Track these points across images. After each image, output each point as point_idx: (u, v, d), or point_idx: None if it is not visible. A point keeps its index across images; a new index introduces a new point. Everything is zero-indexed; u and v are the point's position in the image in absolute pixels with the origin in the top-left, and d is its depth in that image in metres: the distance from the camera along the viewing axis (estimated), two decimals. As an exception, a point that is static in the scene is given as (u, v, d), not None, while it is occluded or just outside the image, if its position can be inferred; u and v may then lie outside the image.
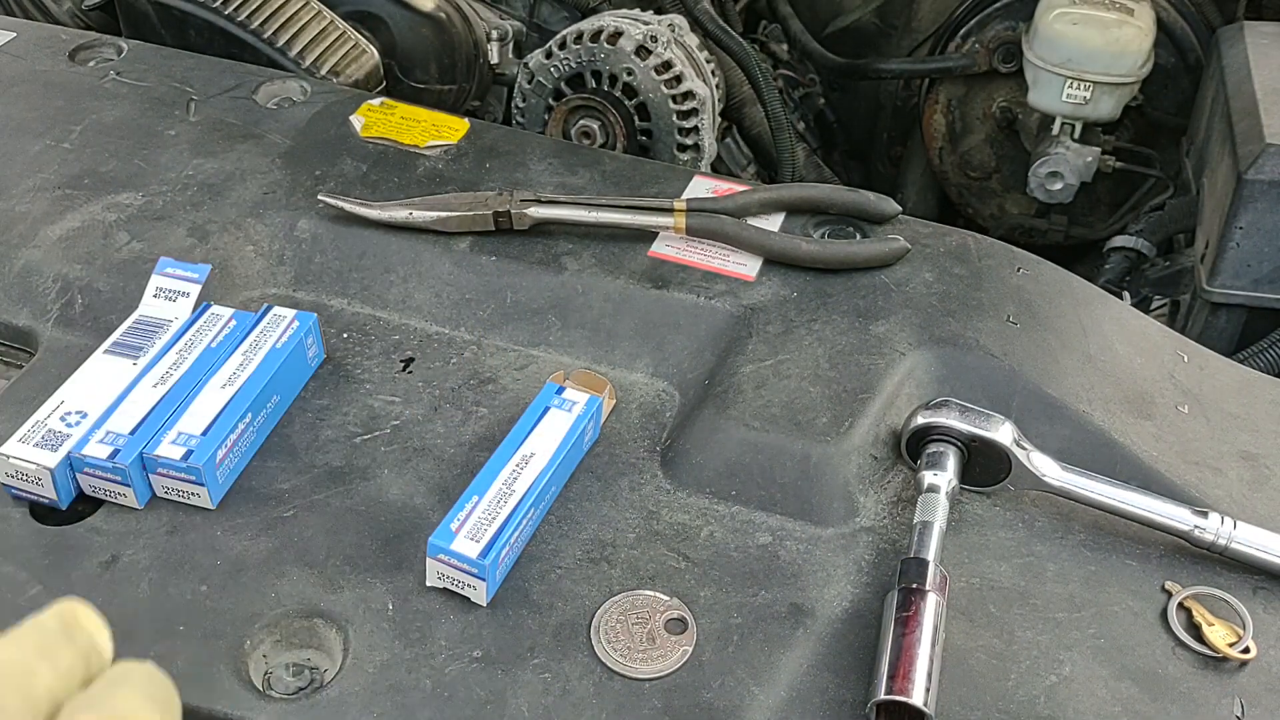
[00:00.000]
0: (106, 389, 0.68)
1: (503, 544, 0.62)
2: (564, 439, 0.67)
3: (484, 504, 0.63)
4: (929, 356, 0.74)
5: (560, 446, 0.67)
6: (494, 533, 0.62)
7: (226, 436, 0.66)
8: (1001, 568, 0.65)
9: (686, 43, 1.29)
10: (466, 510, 0.63)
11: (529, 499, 0.64)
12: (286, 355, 0.70)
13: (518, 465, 0.65)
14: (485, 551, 0.61)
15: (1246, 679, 0.61)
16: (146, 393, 0.68)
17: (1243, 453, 0.73)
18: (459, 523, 0.62)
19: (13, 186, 0.84)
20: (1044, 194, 1.50)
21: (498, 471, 0.65)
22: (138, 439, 0.65)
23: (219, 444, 0.65)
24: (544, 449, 0.66)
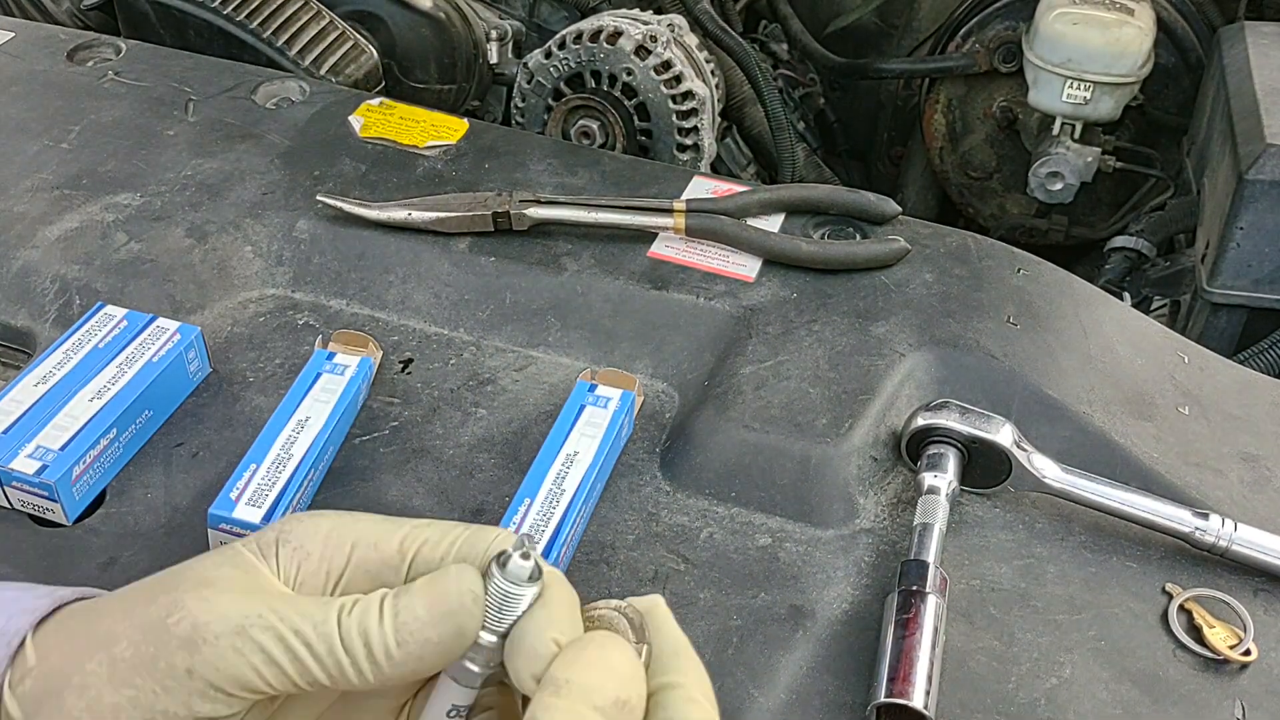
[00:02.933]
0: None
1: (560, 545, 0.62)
2: (604, 436, 0.67)
3: (537, 505, 0.63)
4: (929, 357, 0.74)
5: (602, 444, 0.67)
6: (551, 533, 0.62)
7: (86, 453, 0.65)
8: (1002, 569, 0.65)
9: (686, 43, 1.28)
10: (521, 512, 0.63)
11: (579, 497, 0.64)
12: (162, 370, 0.69)
13: (564, 465, 0.66)
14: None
15: (1247, 681, 0.60)
16: (26, 391, 0.67)
17: (1243, 454, 0.73)
18: (515, 526, 0.62)
19: (11, 186, 0.84)
20: (1044, 194, 1.50)
21: (545, 472, 0.65)
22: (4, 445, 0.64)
23: (76, 460, 0.64)
24: (587, 447, 0.67)
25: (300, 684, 0.38)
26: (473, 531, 0.41)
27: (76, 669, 0.39)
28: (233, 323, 0.78)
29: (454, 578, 0.39)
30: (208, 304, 0.78)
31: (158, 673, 0.38)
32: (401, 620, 0.38)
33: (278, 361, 0.75)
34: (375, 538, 0.41)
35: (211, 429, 0.70)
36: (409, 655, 0.38)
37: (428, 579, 0.39)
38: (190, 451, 0.69)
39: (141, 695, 0.38)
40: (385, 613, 0.38)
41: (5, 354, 0.77)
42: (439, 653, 0.38)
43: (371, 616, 0.38)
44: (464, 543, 0.41)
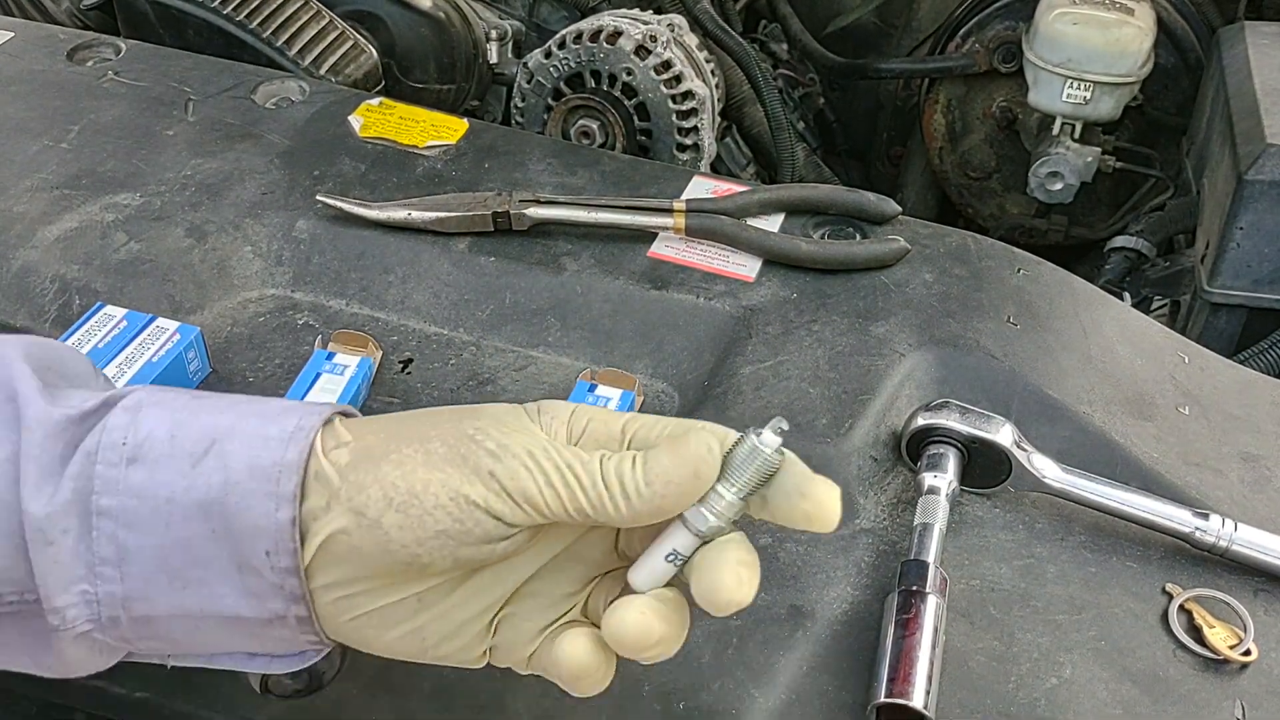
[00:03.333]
0: None
1: None
2: None
3: None
4: (929, 357, 0.74)
5: None
6: None
7: None
8: (1002, 570, 0.65)
9: (686, 42, 1.28)
10: None
11: None
12: (162, 370, 0.69)
13: None
14: None
15: (1247, 681, 0.60)
16: None
17: (1244, 454, 0.73)
18: None
19: (10, 187, 0.84)
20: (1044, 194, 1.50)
21: None
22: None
23: None
24: None
25: (568, 508, 0.45)
26: (677, 422, 0.49)
27: (395, 449, 0.46)
28: (232, 323, 0.78)
29: (695, 436, 0.46)
30: (207, 304, 0.78)
31: (466, 467, 0.45)
32: (649, 466, 0.46)
33: (277, 361, 0.75)
34: (604, 418, 0.49)
35: (211, 429, 0.70)
36: (655, 494, 0.45)
37: (670, 439, 0.47)
38: (190, 451, 0.69)
39: (450, 479, 0.45)
40: (637, 461, 0.46)
41: (5, 354, 0.77)
42: (679, 493, 0.46)
43: (625, 463, 0.46)
44: (674, 426, 0.48)
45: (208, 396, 0.49)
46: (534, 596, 0.50)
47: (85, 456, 0.46)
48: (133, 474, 0.45)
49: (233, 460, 0.45)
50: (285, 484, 0.45)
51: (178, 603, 0.46)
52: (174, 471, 0.46)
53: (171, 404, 0.47)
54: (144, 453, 0.46)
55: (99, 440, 0.46)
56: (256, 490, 0.45)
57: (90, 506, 0.45)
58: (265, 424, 0.47)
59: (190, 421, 0.47)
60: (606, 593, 0.51)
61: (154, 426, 0.46)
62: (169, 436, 0.46)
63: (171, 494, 0.45)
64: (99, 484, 0.45)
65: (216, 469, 0.45)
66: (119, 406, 0.47)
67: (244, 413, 0.47)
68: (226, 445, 0.46)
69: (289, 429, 0.46)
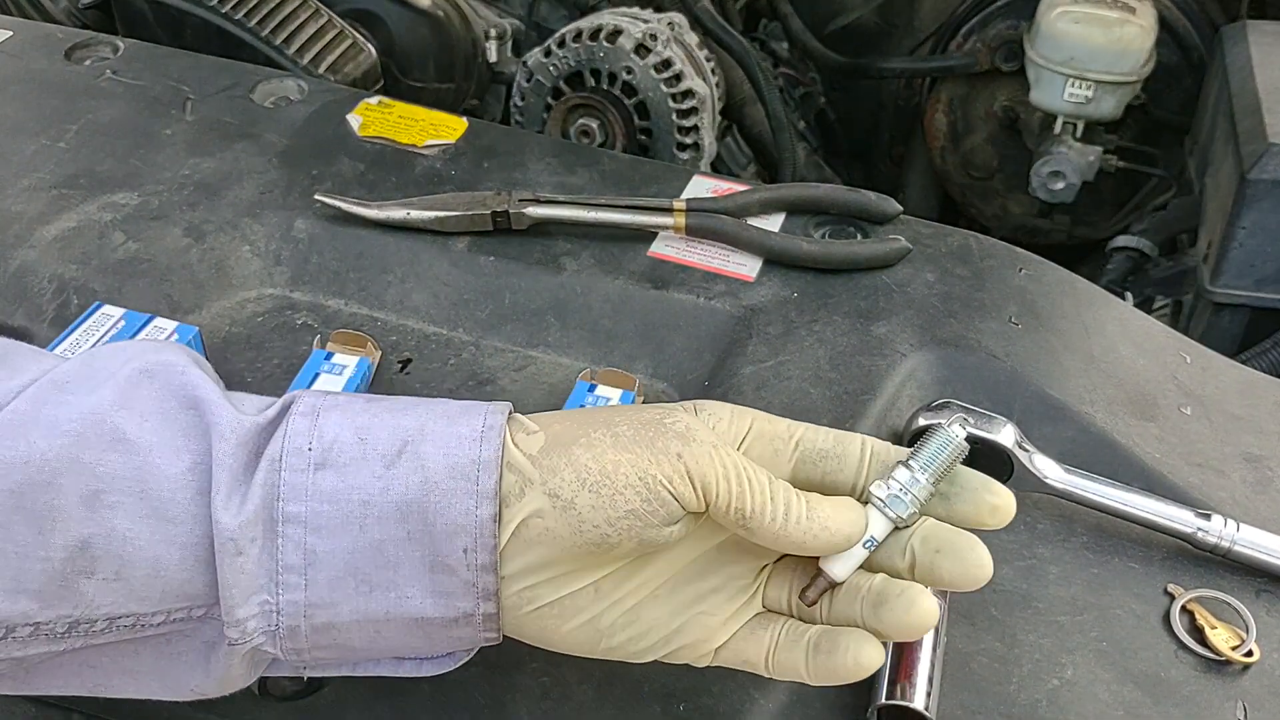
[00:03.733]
0: None
1: None
2: None
3: None
4: (930, 357, 0.74)
5: None
6: None
7: None
8: (1003, 570, 0.65)
9: (686, 41, 1.28)
10: None
11: None
12: None
13: None
14: None
15: (1249, 682, 0.60)
16: None
17: (1246, 455, 0.72)
18: None
19: (8, 186, 0.84)
20: (1046, 193, 1.50)
21: None
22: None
23: None
24: None
25: (734, 505, 0.46)
26: (840, 434, 0.50)
27: (584, 434, 0.47)
28: (230, 322, 0.77)
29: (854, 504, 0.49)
30: (205, 304, 0.78)
31: (655, 449, 0.46)
32: (813, 506, 0.47)
33: (275, 361, 0.75)
34: (767, 418, 0.51)
35: (209, 429, 0.70)
36: (810, 529, 0.47)
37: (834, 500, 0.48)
38: (187, 452, 0.69)
39: (639, 460, 0.46)
40: (801, 494, 0.48)
41: (2, 354, 0.77)
42: (829, 540, 0.47)
43: (792, 492, 0.47)
44: (837, 435, 0.50)
45: (378, 399, 0.49)
46: (715, 593, 0.51)
47: (270, 464, 0.46)
48: (322, 479, 0.46)
49: (430, 460, 0.46)
50: (485, 481, 0.46)
51: (362, 607, 0.46)
52: (368, 474, 0.46)
53: (347, 407, 0.48)
54: (333, 457, 0.46)
55: (282, 446, 0.46)
56: (456, 489, 0.46)
57: (276, 514, 0.45)
58: (453, 424, 0.47)
59: (375, 424, 0.47)
60: (790, 581, 0.52)
61: (339, 430, 0.47)
62: (357, 440, 0.46)
63: (366, 496, 0.46)
64: (285, 490, 0.45)
65: (414, 469, 0.46)
66: (297, 413, 0.47)
67: (426, 414, 0.48)
68: (421, 447, 0.46)
69: (479, 428, 0.47)
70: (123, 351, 0.49)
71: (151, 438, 0.46)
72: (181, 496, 0.45)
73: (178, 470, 0.45)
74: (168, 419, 0.46)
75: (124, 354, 0.49)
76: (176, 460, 0.46)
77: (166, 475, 0.45)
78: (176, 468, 0.45)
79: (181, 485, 0.45)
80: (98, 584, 0.45)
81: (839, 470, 0.50)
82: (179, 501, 0.45)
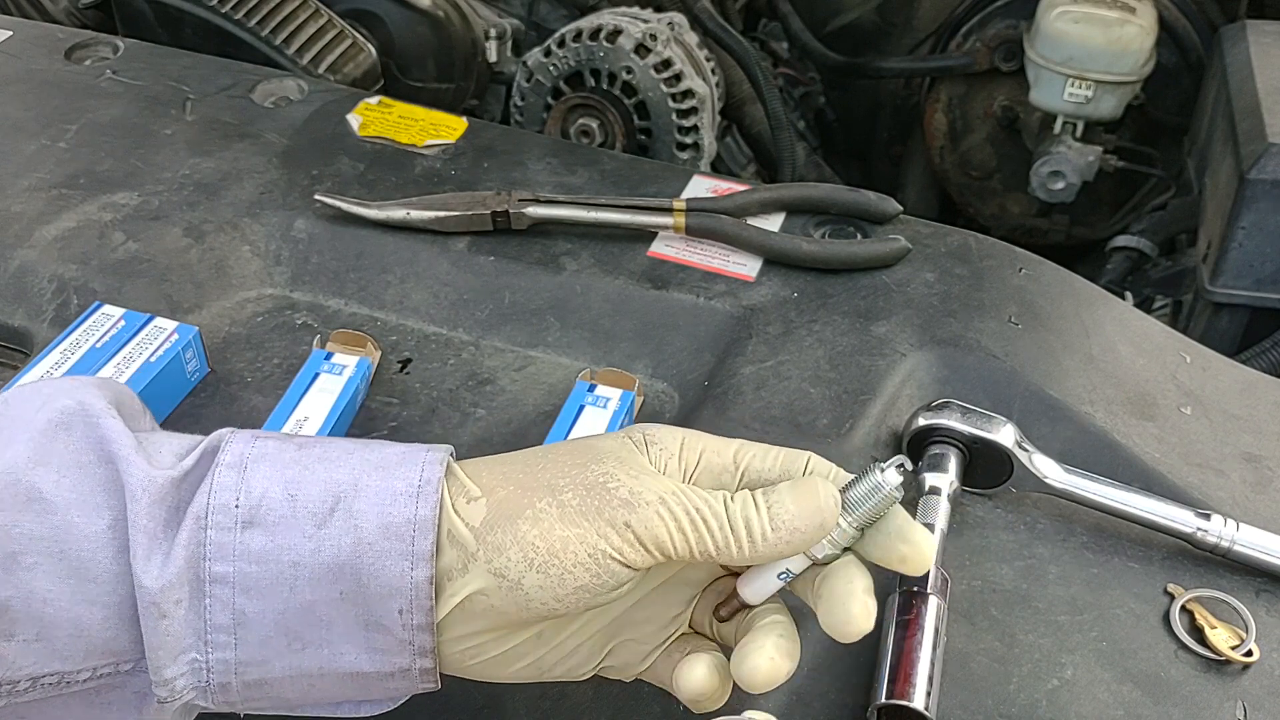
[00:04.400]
0: None
1: None
2: None
3: None
4: (930, 357, 0.74)
5: None
6: None
7: None
8: (1003, 570, 0.65)
9: (686, 41, 1.28)
10: None
11: None
12: (160, 370, 0.69)
13: None
14: None
15: (1249, 682, 0.60)
16: None
17: (1245, 454, 0.72)
18: None
19: (8, 186, 0.84)
20: (1046, 193, 1.50)
21: None
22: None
23: None
24: None
25: (696, 553, 0.46)
26: (788, 452, 0.50)
27: (529, 504, 0.46)
28: (230, 322, 0.77)
29: (820, 485, 0.47)
30: (205, 304, 0.78)
31: (602, 521, 0.45)
32: (775, 511, 0.46)
33: (275, 361, 0.75)
34: (716, 447, 0.50)
35: (209, 429, 0.70)
36: (780, 539, 0.46)
37: (792, 484, 0.48)
38: (187, 452, 0.69)
39: (587, 535, 0.45)
40: (761, 505, 0.47)
41: (3, 354, 0.76)
42: (804, 540, 0.47)
43: (750, 507, 0.47)
44: (785, 459, 0.50)
45: (310, 444, 0.47)
46: (647, 622, 0.51)
47: (195, 521, 0.44)
48: (250, 538, 0.44)
49: (363, 520, 0.44)
50: (421, 543, 0.44)
51: (295, 664, 0.45)
52: (297, 534, 0.44)
53: (276, 457, 0.46)
54: (261, 515, 0.44)
55: (207, 503, 0.44)
56: (390, 550, 0.44)
57: (203, 574, 0.44)
58: (388, 477, 0.45)
59: (305, 478, 0.45)
60: (710, 603, 0.53)
61: (267, 486, 0.45)
62: (287, 496, 0.45)
63: (297, 558, 0.44)
64: (212, 549, 0.44)
65: (346, 530, 0.44)
66: (223, 464, 0.45)
67: (360, 465, 0.46)
68: (354, 503, 0.45)
69: (415, 482, 0.45)
70: (38, 395, 0.47)
71: (69, 495, 0.44)
72: (102, 556, 0.44)
73: (97, 529, 0.44)
74: (85, 473, 0.45)
75: (39, 398, 0.47)
76: (96, 518, 0.44)
77: (85, 534, 0.44)
78: (96, 526, 0.44)
79: (101, 544, 0.44)
80: (18, 646, 0.43)
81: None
82: (99, 561, 0.44)
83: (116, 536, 0.44)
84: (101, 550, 0.44)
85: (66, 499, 0.44)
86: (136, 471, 0.44)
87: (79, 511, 0.44)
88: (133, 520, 0.44)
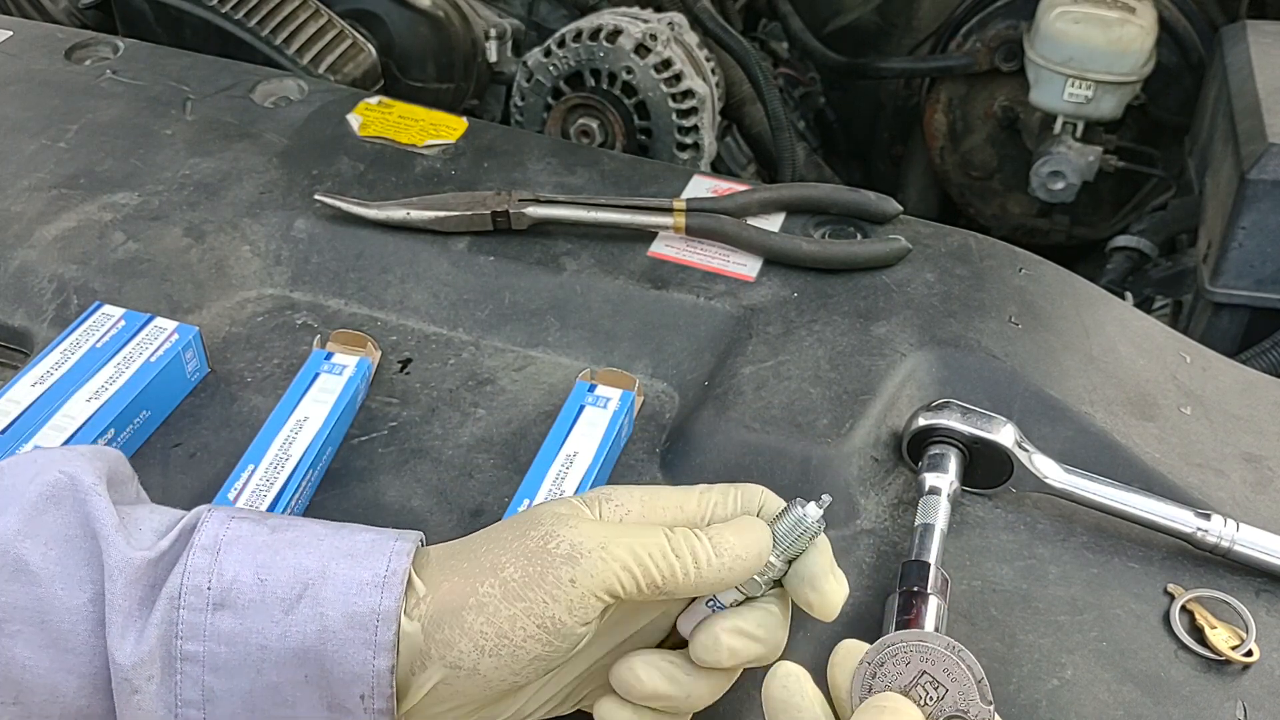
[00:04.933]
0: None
1: None
2: (604, 436, 0.67)
3: None
4: (930, 357, 0.74)
5: (602, 444, 0.67)
6: None
7: None
8: (1003, 570, 0.65)
9: (686, 41, 1.28)
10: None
11: None
12: (160, 370, 0.69)
13: (563, 465, 0.65)
14: None
15: (1249, 682, 0.60)
16: (24, 391, 0.66)
17: (1246, 454, 0.72)
18: None
19: (8, 186, 0.84)
20: (1046, 193, 1.50)
21: (545, 472, 0.65)
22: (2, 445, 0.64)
23: None
24: (586, 447, 0.67)
25: (644, 588, 0.47)
26: (743, 490, 0.52)
27: (471, 592, 0.47)
28: (230, 322, 0.77)
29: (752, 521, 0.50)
30: (205, 304, 0.78)
31: (546, 585, 0.46)
32: (715, 540, 0.49)
33: (275, 361, 0.75)
34: (679, 501, 0.51)
35: (209, 429, 0.70)
36: (724, 564, 0.48)
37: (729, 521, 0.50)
38: (188, 452, 0.69)
39: (533, 605, 0.46)
40: (701, 536, 0.49)
41: (3, 354, 0.76)
42: (744, 567, 0.49)
43: (692, 538, 0.48)
44: (744, 499, 0.52)
45: (284, 527, 0.49)
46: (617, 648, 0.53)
47: (169, 601, 0.46)
48: (220, 620, 0.46)
49: (328, 608, 0.46)
50: (383, 633, 0.46)
51: None
52: (266, 618, 0.46)
53: (250, 541, 0.48)
54: (231, 598, 0.46)
55: (181, 584, 0.46)
56: (354, 639, 0.46)
57: (174, 651, 0.46)
58: (355, 567, 0.47)
59: (276, 563, 0.47)
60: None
61: (238, 570, 0.47)
62: (257, 581, 0.47)
63: (265, 641, 0.46)
64: (184, 629, 0.46)
65: (312, 618, 0.46)
66: (198, 545, 0.47)
67: (329, 552, 0.48)
68: (321, 591, 0.46)
69: (381, 573, 0.47)
70: (32, 465, 0.49)
71: (54, 567, 0.46)
72: (81, 629, 0.46)
73: (79, 602, 0.46)
74: (71, 547, 0.47)
75: (33, 468, 0.49)
76: (78, 592, 0.46)
77: (67, 607, 0.46)
78: (78, 599, 0.46)
79: (82, 617, 0.46)
80: None
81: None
82: (78, 633, 0.46)
83: (96, 611, 0.46)
84: (81, 623, 0.46)
85: (51, 572, 0.46)
86: (115, 552, 0.46)
87: (62, 584, 0.46)
88: (109, 599, 0.46)
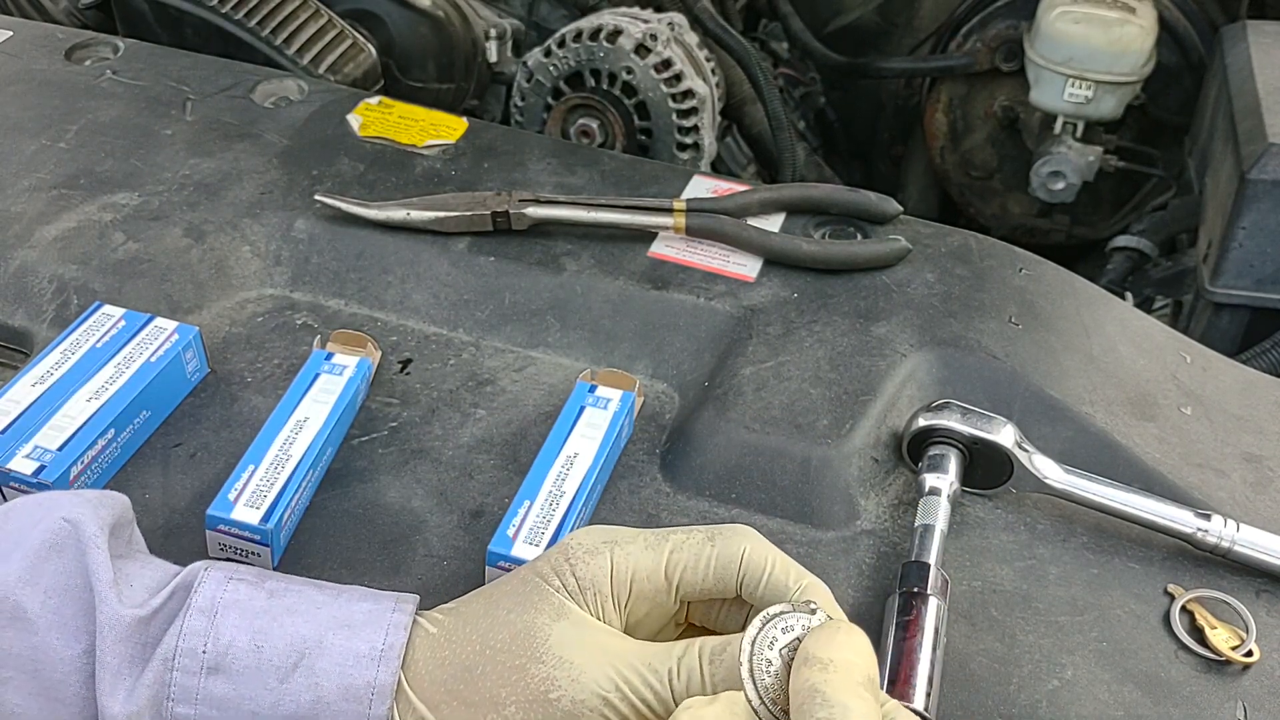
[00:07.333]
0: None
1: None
2: (604, 437, 0.67)
3: (537, 507, 0.63)
4: (930, 358, 0.74)
5: (602, 445, 0.67)
6: (551, 536, 0.62)
7: (83, 453, 0.64)
8: (1003, 571, 0.65)
9: (686, 41, 1.28)
10: (520, 515, 0.62)
11: (579, 499, 0.64)
12: (160, 370, 0.69)
13: (563, 466, 0.65)
14: None
15: (1249, 682, 0.60)
16: (24, 391, 0.66)
17: (1246, 454, 0.72)
18: (514, 529, 0.62)
19: (8, 186, 0.84)
20: (1046, 194, 1.50)
21: (545, 473, 0.65)
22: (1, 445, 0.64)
23: (74, 461, 0.63)
24: (587, 448, 0.67)
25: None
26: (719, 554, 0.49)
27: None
28: (231, 323, 0.77)
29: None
30: (205, 304, 0.78)
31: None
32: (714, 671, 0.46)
33: (276, 362, 0.75)
34: (647, 570, 0.49)
35: (209, 429, 0.70)
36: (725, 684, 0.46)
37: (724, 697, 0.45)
38: (188, 452, 0.69)
39: None
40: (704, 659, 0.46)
41: (3, 354, 0.76)
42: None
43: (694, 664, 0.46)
44: (718, 564, 0.49)
45: (282, 592, 0.49)
46: None
47: (163, 663, 0.46)
48: (214, 685, 0.46)
49: (324, 679, 0.46)
50: (378, 707, 0.46)
51: None
52: (260, 686, 0.46)
53: (248, 605, 0.48)
54: (226, 663, 0.46)
55: (176, 645, 0.46)
56: (348, 711, 0.46)
57: (165, 713, 0.46)
58: (352, 638, 0.47)
59: (273, 629, 0.47)
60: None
61: (235, 635, 0.47)
62: (253, 647, 0.46)
63: (257, 709, 0.46)
64: (176, 691, 0.46)
65: (306, 687, 0.46)
66: (194, 607, 0.47)
67: (327, 621, 0.48)
68: (317, 661, 0.46)
69: (378, 645, 0.47)
70: (38, 509, 0.49)
71: (52, 617, 0.47)
72: (73, 680, 0.46)
73: (73, 654, 0.46)
74: (70, 597, 0.47)
75: (39, 511, 0.49)
76: (73, 643, 0.47)
77: (60, 658, 0.46)
78: (72, 650, 0.46)
79: (74, 669, 0.46)
80: None
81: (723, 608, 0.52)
82: (70, 684, 0.46)
83: (88, 664, 0.46)
84: (73, 675, 0.46)
85: (49, 621, 0.47)
86: (106, 609, 0.46)
87: (58, 634, 0.47)
88: (99, 655, 0.46)
